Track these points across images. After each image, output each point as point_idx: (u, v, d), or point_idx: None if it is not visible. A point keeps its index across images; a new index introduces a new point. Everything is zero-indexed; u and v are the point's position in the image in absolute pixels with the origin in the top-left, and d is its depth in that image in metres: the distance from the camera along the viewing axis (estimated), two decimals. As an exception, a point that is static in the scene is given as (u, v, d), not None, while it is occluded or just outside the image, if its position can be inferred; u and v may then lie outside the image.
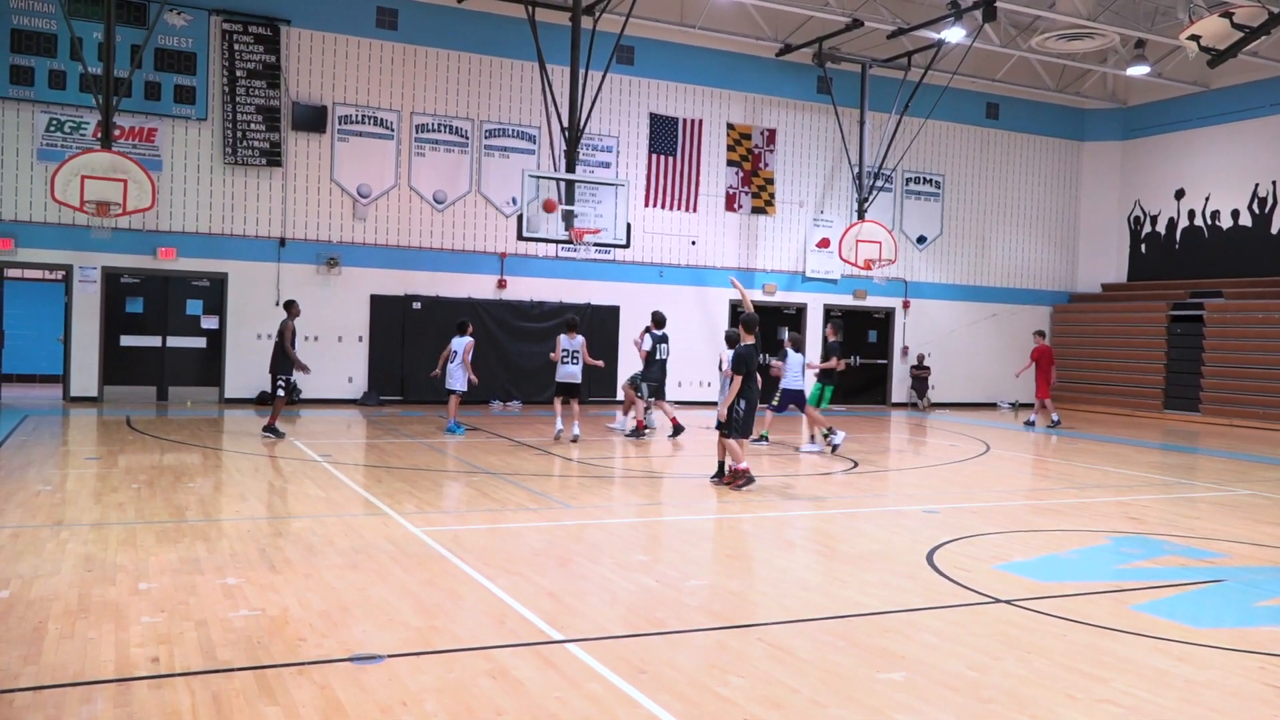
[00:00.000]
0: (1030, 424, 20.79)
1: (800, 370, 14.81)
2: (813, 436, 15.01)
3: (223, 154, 19.01)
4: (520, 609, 6.09)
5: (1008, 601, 6.68)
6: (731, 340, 11.78)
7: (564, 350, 15.21)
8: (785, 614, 6.23)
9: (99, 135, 17.19)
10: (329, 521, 8.58)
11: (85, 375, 18.39)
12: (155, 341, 19.02)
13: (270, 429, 14.11)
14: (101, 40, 17.18)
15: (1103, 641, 5.88)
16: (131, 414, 16.67)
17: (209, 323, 19.30)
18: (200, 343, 19.31)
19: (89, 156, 16.43)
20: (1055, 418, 20.30)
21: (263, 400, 19.13)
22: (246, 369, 19.27)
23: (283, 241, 19.51)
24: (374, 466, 12.08)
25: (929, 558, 7.96)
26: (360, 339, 20.02)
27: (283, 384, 14.24)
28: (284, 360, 14.05)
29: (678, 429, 15.66)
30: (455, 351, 15.71)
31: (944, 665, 5.35)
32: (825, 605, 6.49)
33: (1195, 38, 14.99)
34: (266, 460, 12.14)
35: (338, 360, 19.84)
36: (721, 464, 11.39)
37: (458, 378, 15.71)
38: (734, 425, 10.89)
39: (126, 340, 18.80)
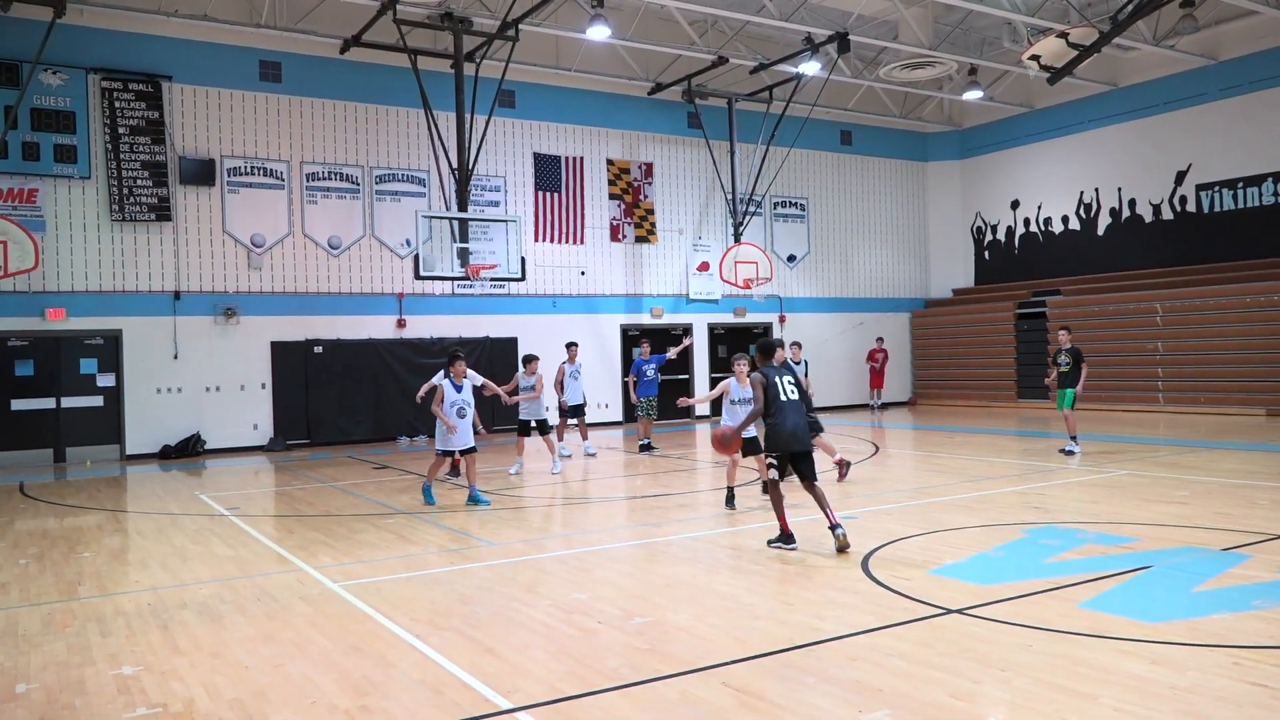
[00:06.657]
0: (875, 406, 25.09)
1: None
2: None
3: (109, 211, 17.27)
4: (459, 673, 5.06)
5: (959, 611, 5.96)
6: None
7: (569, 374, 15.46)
8: (742, 649, 5.36)
9: (-25, 198, 15.35)
10: (239, 585, 7.35)
11: (-25, 443, 16.39)
12: (49, 403, 17.09)
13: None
14: (-28, 101, 15.36)
15: (1070, 649, 5.19)
16: (26, 479, 14.84)
17: (105, 380, 17.46)
18: (98, 401, 17.44)
19: (-36, 219, 14.63)
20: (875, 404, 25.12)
21: (165, 455, 17.42)
22: (147, 424, 17.52)
23: (178, 295, 17.84)
24: (285, 516, 10.78)
25: (864, 567, 7.22)
26: (263, 386, 18.45)
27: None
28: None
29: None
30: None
31: (925, 696, 4.56)
32: (780, 634, 5.64)
33: (1036, 57, 14.88)
34: (170, 519, 10.70)
35: (242, 408, 18.23)
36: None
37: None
38: None
39: (18, 404, 16.82)
